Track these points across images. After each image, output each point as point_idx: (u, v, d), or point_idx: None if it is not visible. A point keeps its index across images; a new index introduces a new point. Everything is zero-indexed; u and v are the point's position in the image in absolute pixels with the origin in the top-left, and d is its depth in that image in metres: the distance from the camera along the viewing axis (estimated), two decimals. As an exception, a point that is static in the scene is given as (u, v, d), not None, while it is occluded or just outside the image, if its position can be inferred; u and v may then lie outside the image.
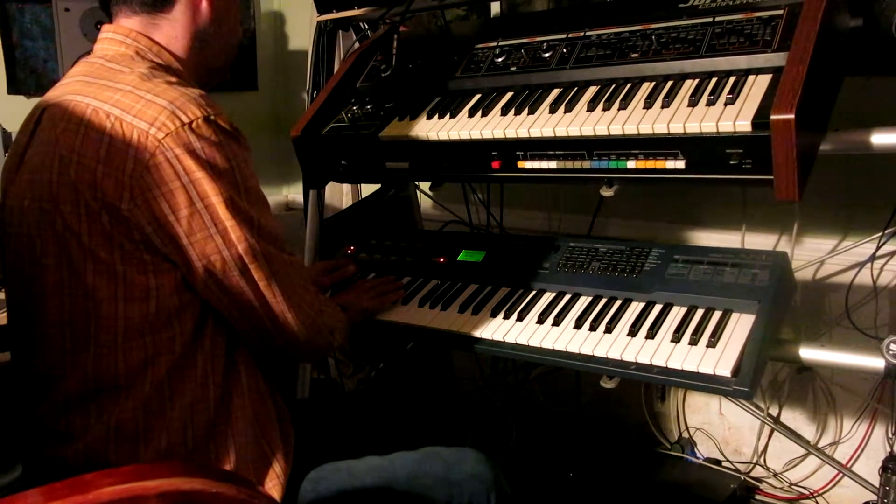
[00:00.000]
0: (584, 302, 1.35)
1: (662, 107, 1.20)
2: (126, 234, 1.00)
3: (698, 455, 2.05)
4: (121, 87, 1.04)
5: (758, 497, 1.92)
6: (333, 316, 1.25)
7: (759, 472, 1.96)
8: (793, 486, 1.91)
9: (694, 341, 1.17)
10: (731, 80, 1.19)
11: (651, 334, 1.21)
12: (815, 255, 1.76)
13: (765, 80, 1.16)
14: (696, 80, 1.23)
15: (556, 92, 1.37)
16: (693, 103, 1.17)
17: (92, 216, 1.00)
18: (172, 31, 1.16)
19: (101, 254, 1.00)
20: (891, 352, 1.09)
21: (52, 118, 1.07)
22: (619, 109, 1.24)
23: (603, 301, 1.33)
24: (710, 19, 1.29)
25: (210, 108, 1.03)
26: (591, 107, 1.27)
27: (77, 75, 1.11)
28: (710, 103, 1.16)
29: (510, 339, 1.30)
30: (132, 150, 0.98)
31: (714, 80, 1.21)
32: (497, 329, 1.32)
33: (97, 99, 1.03)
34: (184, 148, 0.99)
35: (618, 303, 1.32)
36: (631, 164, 1.22)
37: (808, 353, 1.20)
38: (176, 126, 0.99)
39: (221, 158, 1.01)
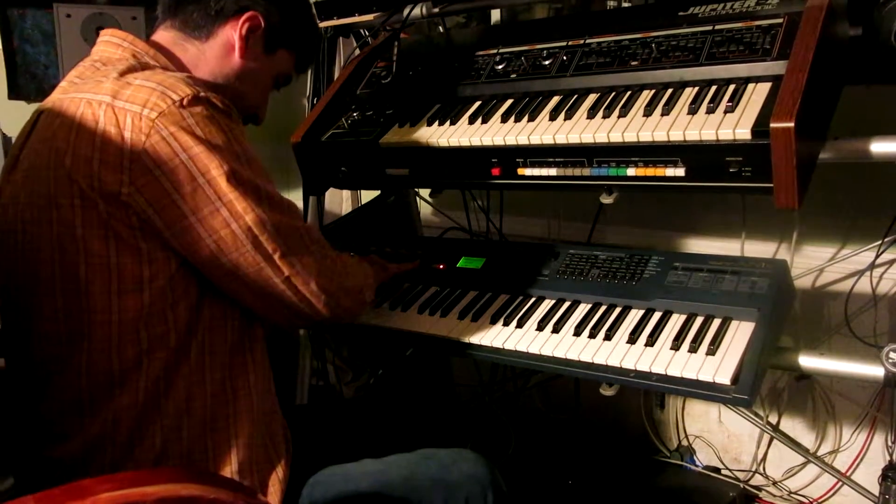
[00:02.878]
0: (583, 309, 1.34)
1: (662, 114, 1.20)
2: (124, 220, 0.99)
3: (697, 463, 2.04)
4: (109, 77, 1.05)
5: (757, 505, 1.92)
6: (359, 274, 1.24)
7: (758, 480, 1.96)
8: (792, 495, 1.91)
9: (693, 349, 1.17)
10: (731, 88, 1.19)
11: (650, 342, 1.21)
12: (815, 262, 1.76)
13: (764, 88, 1.16)
14: (696, 88, 1.23)
15: (556, 99, 1.37)
16: (693, 111, 1.17)
17: (87, 206, 0.99)
18: (196, 59, 1.18)
19: (95, 245, 1.00)
20: (890, 360, 1.09)
21: (48, 118, 1.08)
22: (618, 117, 1.24)
23: (602, 308, 1.33)
24: (710, 27, 1.30)
25: (199, 86, 1.03)
26: (591, 114, 1.27)
27: (71, 79, 1.13)
28: (710, 111, 1.16)
29: (509, 345, 1.30)
30: (127, 134, 0.98)
31: (714, 88, 1.21)
32: (496, 336, 1.32)
33: (88, 92, 1.04)
34: (178, 125, 0.98)
35: (617, 310, 1.32)
36: (631, 172, 1.22)
37: (807, 361, 1.20)
38: (168, 104, 0.99)
39: (217, 131, 1.01)
